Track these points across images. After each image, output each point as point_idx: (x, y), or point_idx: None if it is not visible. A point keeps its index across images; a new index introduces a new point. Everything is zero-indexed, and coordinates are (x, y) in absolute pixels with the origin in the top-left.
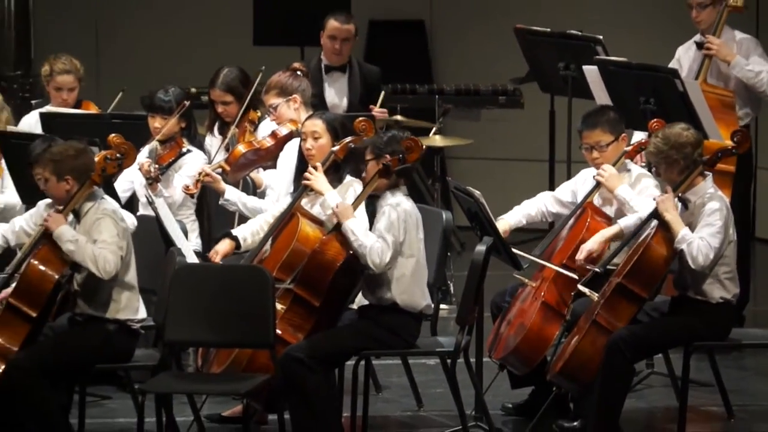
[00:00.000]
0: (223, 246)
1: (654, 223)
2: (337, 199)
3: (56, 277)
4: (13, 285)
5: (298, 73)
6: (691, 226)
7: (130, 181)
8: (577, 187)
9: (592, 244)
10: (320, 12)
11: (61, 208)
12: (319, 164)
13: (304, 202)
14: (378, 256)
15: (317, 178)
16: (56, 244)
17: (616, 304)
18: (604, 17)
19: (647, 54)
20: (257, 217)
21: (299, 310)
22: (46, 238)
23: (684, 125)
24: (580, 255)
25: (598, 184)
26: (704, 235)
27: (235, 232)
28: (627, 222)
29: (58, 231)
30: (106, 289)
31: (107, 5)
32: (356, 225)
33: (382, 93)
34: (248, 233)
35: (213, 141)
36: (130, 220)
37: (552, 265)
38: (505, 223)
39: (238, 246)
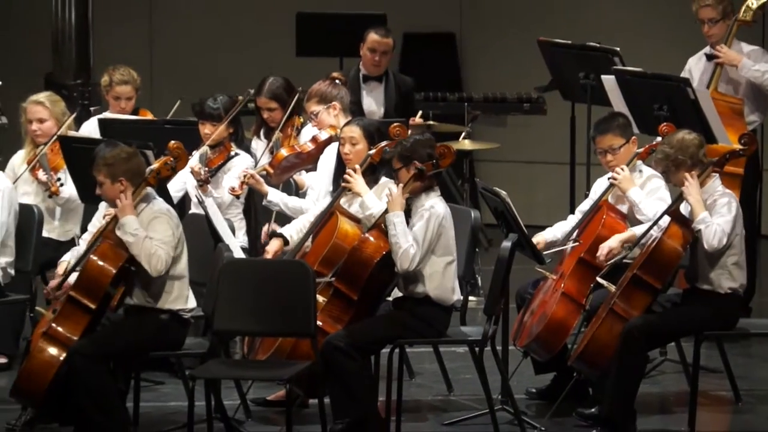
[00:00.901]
0: (273, 245)
1: (667, 219)
2: (375, 199)
3: (113, 271)
4: (75, 279)
5: (337, 82)
6: None
7: (182, 182)
8: (594, 197)
9: (612, 242)
10: (358, 25)
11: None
12: (357, 167)
13: (343, 202)
14: (407, 261)
15: (356, 180)
16: (114, 242)
17: (631, 294)
18: (622, 30)
19: (661, 64)
20: (301, 217)
21: (339, 302)
22: (104, 236)
23: (686, 130)
24: (601, 252)
25: (612, 185)
26: (719, 222)
27: (282, 231)
28: (640, 230)
29: (124, 219)
30: (160, 281)
31: (162, 18)
32: (400, 220)
33: (420, 111)
34: (294, 231)
35: (259, 145)
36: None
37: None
38: (541, 236)
39: (286, 243)
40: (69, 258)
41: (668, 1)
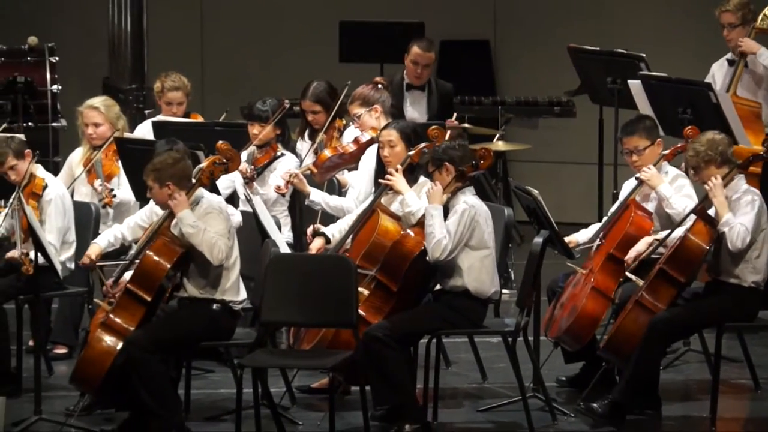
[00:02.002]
0: (316, 243)
1: (692, 217)
2: (415, 198)
3: (168, 265)
4: (131, 272)
5: (379, 86)
6: None
7: (231, 180)
8: (621, 198)
9: (640, 245)
10: (398, 33)
11: (169, 211)
12: (399, 166)
13: (384, 200)
14: (438, 251)
15: (398, 179)
16: (169, 238)
17: (658, 287)
18: (648, 37)
19: (685, 70)
20: (345, 218)
21: (380, 294)
22: (160, 233)
23: (715, 131)
24: (630, 254)
25: (640, 183)
26: (743, 221)
27: (325, 230)
28: (663, 235)
29: (181, 213)
30: (212, 274)
31: (211, 26)
32: (438, 213)
33: (455, 114)
34: (336, 231)
35: (303, 146)
36: (237, 219)
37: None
38: (574, 237)
39: (328, 242)
40: (100, 242)
41: (693, 10)
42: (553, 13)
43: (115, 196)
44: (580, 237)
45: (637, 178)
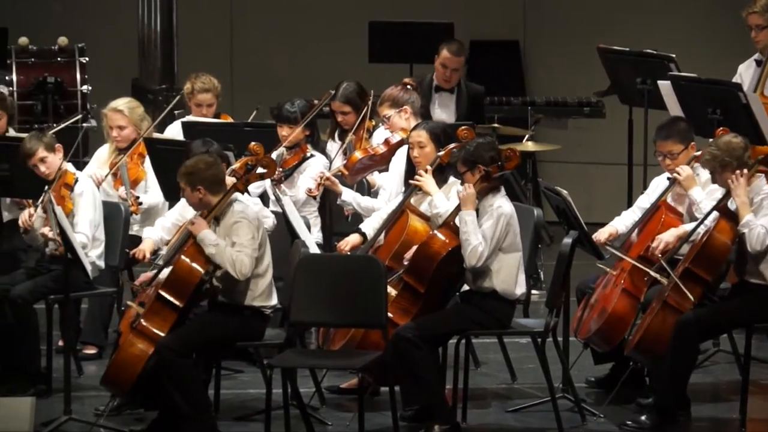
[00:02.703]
0: (353, 239)
1: (716, 214)
2: (444, 199)
3: (202, 272)
4: (164, 277)
5: (409, 87)
6: None
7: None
8: (650, 194)
9: (668, 236)
10: (427, 34)
11: (204, 213)
12: (429, 167)
13: (413, 200)
14: (475, 257)
15: (427, 180)
16: None
17: (684, 286)
18: (677, 37)
19: (714, 70)
20: (377, 213)
21: (407, 295)
22: (193, 237)
23: (733, 134)
24: (657, 244)
25: (672, 184)
26: (764, 223)
27: (362, 227)
28: (691, 226)
29: (201, 235)
30: (244, 281)
31: (241, 26)
32: (472, 219)
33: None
34: (372, 228)
35: (333, 146)
36: (271, 222)
37: (628, 258)
38: (612, 227)
39: (365, 239)
40: (153, 236)
41: (721, 11)
42: (582, 13)
43: (141, 203)
44: (617, 225)
45: (669, 178)
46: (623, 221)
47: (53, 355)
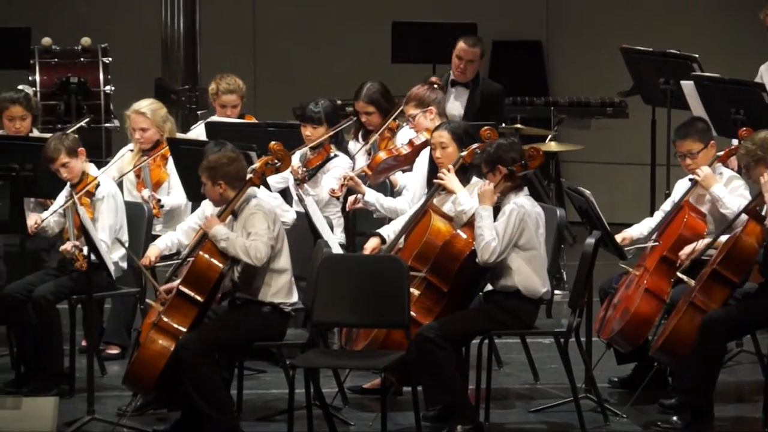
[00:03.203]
0: (372, 243)
1: (744, 217)
2: (468, 197)
3: (221, 266)
4: (183, 274)
5: (435, 86)
6: None
7: (283, 177)
8: (674, 197)
9: (700, 245)
10: (450, 34)
11: (220, 210)
12: (451, 166)
13: (436, 201)
14: (488, 253)
15: (450, 179)
16: None
17: (711, 288)
18: (700, 37)
19: (735, 70)
20: (398, 219)
21: (431, 294)
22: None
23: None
24: (685, 251)
25: (694, 185)
26: None
27: (381, 231)
28: (721, 238)
29: (212, 232)
30: (262, 275)
31: (265, 26)
32: (487, 214)
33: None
34: (391, 231)
35: (355, 146)
36: (291, 216)
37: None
38: (627, 233)
39: (383, 242)
40: (159, 244)
41: (742, 12)
42: (605, 13)
43: (162, 206)
44: (633, 232)
45: (690, 179)
46: (640, 228)
47: (76, 355)
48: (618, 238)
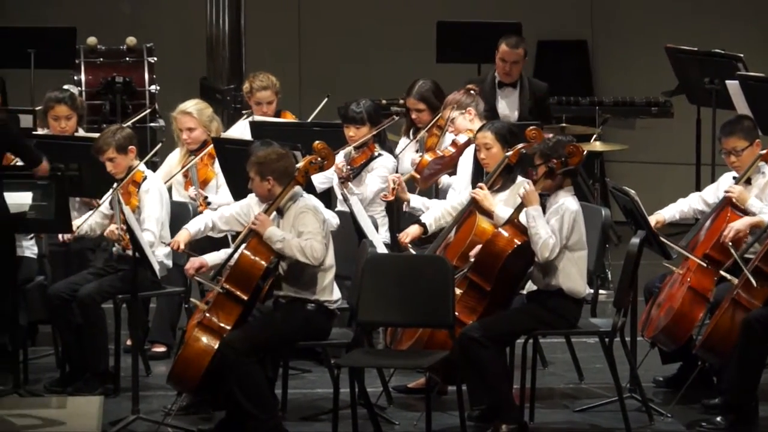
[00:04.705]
0: (413, 230)
1: None
2: (506, 212)
3: (265, 264)
4: (227, 272)
5: (472, 92)
6: None
7: (327, 177)
8: (719, 190)
9: (739, 224)
10: (495, 34)
11: (265, 206)
12: (482, 183)
13: None
14: (547, 250)
15: (484, 198)
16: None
17: (754, 285)
18: (745, 37)
19: None
20: (439, 204)
21: (473, 293)
22: (255, 232)
23: None
24: (728, 232)
25: (737, 183)
26: None
27: (423, 218)
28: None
29: (267, 234)
30: (307, 274)
31: (309, 25)
32: (539, 213)
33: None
34: (433, 219)
35: (403, 143)
36: (335, 221)
37: (694, 257)
38: (660, 215)
39: (425, 231)
40: (190, 228)
41: None
42: (650, 12)
43: (209, 203)
44: (665, 214)
45: (734, 177)
46: (671, 211)
47: (121, 354)
48: (651, 220)
